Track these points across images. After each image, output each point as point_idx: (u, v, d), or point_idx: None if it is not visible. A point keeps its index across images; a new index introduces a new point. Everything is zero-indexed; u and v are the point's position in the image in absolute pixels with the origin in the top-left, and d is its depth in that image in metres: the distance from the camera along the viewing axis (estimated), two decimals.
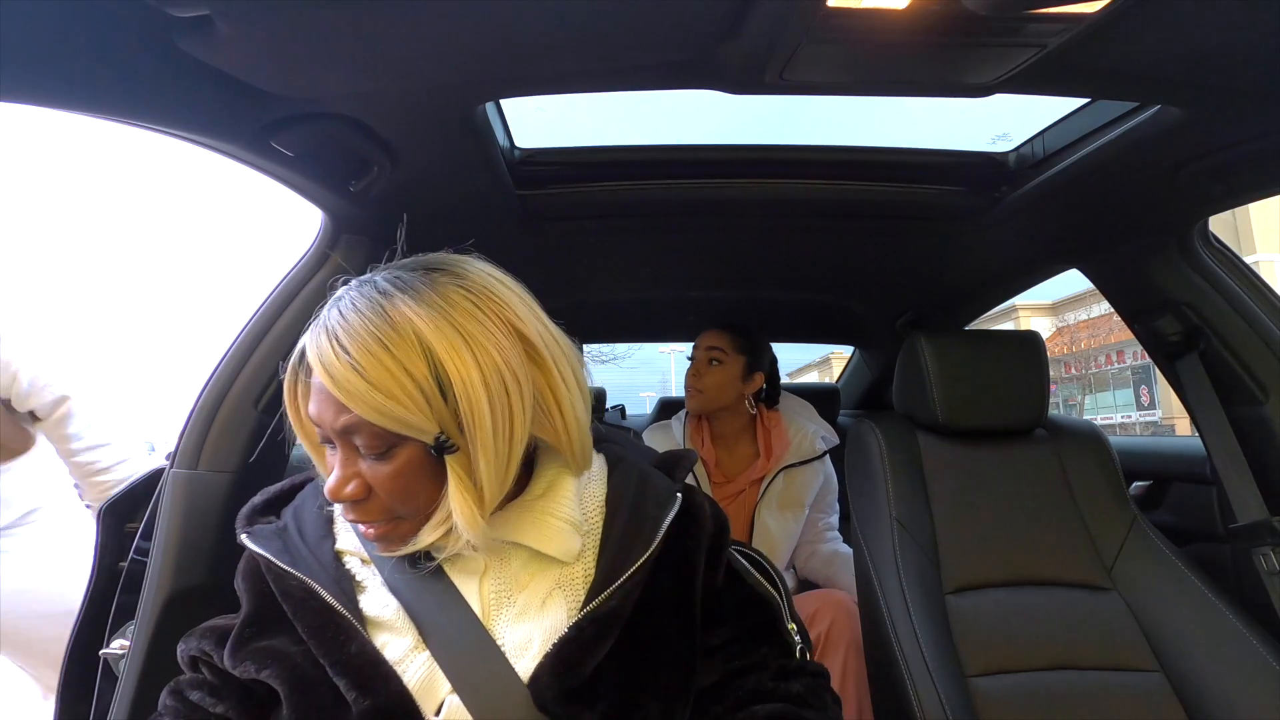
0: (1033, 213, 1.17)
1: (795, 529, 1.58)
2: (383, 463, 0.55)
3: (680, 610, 0.64)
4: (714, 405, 1.61)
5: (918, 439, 1.26)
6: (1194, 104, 0.81)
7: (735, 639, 0.67)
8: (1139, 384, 17.96)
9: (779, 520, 1.56)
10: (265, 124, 0.78)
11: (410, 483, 0.56)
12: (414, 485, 0.56)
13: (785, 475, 1.57)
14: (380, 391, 0.51)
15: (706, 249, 1.47)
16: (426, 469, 0.56)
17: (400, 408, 0.52)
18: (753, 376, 1.61)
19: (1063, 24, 0.64)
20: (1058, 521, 1.19)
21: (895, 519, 1.16)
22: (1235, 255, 1.22)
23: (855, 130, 1.21)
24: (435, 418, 0.53)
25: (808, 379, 8.98)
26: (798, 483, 1.58)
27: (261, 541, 0.64)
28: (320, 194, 0.98)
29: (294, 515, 0.68)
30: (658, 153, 1.15)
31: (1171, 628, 1.07)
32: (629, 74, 0.76)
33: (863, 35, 0.66)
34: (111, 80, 0.66)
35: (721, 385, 1.58)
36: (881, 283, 1.69)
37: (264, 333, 1.10)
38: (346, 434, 0.54)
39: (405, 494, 0.56)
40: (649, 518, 0.63)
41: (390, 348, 0.52)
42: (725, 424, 1.64)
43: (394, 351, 0.52)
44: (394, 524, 0.58)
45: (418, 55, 0.70)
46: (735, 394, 1.60)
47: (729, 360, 1.59)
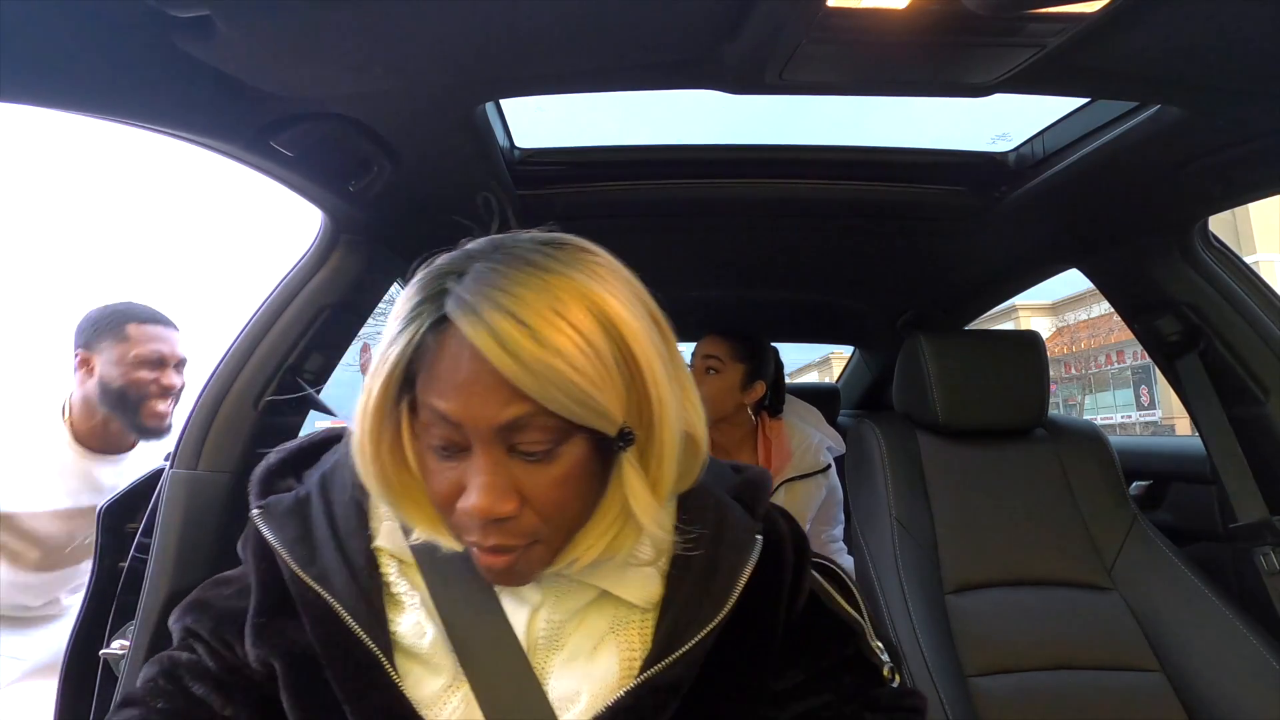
0: (1033, 213, 1.17)
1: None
2: (545, 465, 0.45)
3: (752, 668, 0.54)
4: (711, 417, 1.54)
5: (918, 439, 1.26)
6: (1194, 104, 0.81)
7: (814, 677, 0.57)
8: (1139, 384, 17.96)
9: None
10: (265, 124, 0.78)
11: (573, 490, 0.46)
12: (575, 493, 0.47)
13: (786, 489, 1.52)
14: (573, 368, 0.42)
15: (707, 249, 1.47)
16: (590, 472, 0.47)
17: (596, 391, 0.42)
18: (753, 385, 1.54)
19: (1062, 24, 0.64)
20: (1058, 521, 1.19)
21: (895, 519, 1.16)
22: (1235, 255, 1.22)
23: (855, 130, 1.21)
24: (623, 403, 0.44)
25: (808, 379, 8.98)
26: (799, 497, 1.52)
27: (277, 525, 0.53)
28: (320, 194, 0.98)
29: (321, 488, 0.55)
30: (658, 153, 1.15)
31: (1171, 628, 1.07)
32: (629, 74, 0.76)
33: (863, 35, 0.66)
34: (111, 80, 0.66)
35: (718, 395, 1.51)
36: (881, 283, 1.69)
37: (264, 333, 1.10)
38: (508, 432, 0.44)
39: (564, 504, 0.46)
40: (724, 568, 0.53)
41: (574, 316, 0.43)
42: (724, 435, 1.57)
43: (578, 323, 0.42)
44: (530, 549, 0.47)
45: (418, 55, 0.70)
46: (734, 404, 1.52)
47: (726, 369, 1.52)
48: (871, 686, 0.58)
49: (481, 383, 0.43)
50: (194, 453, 1.06)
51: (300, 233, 1.15)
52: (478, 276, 0.44)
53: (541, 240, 0.48)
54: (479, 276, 0.44)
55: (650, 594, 0.53)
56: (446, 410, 0.44)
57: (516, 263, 0.45)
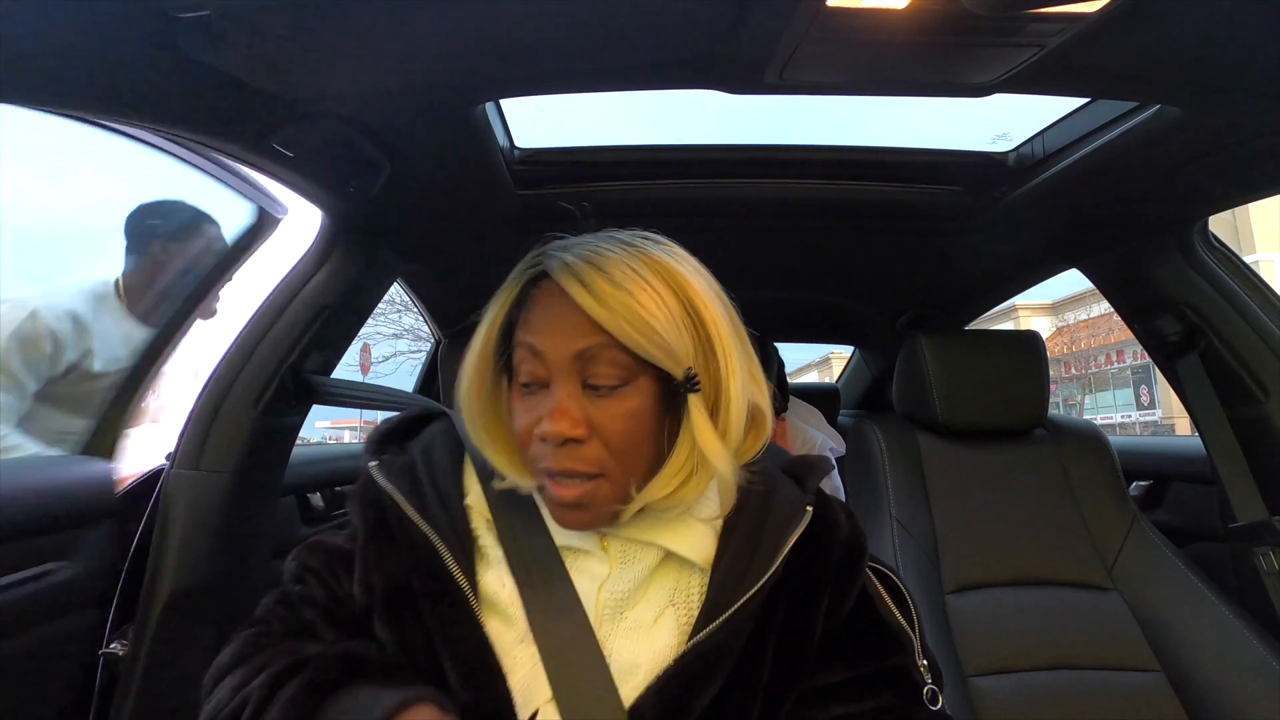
0: (1033, 213, 1.17)
1: None
2: (615, 399, 0.51)
3: (797, 652, 0.55)
4: None
5: (918, 439, 1.26)
6: (1194, 104, 0.81)
7: (856, 680, 0.57)
8: (1139, 384, 17.96)
9: None
10: (265, 124, 0.78)
11: (640, 425, 0.52)
12: (642, 429, 0.52)
13: None
14: (643, 308, 0.50)
15: (706, 249, 1.45)
16: (657, 413, 0.52)
17: (663, 329, 0.50)
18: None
19: (1062, 24, 0.64)
20: (1058, 521, 1.19)
21: (895, 518, 1.16)
22: (1235, 255, 1.22)
23: (855, 130, 1.21)
24: (689, 349, 0.51)
25: (808, 379, 8.97)
26: None
27: (391, 476, 0.59)
28: (320, 194, 0.98)
29: (424, 454, 0.62)
30: (658, 153, 1.15)
31: (1171, 628, 1.07)
32: (629, 74, 0.76)
33: (863, 35, 0.66)
34: (112, 81, 0.66)
35: None
36: (881, 283, 1.69)
37: (264, 333, 1.10)
38: (583, 363, 0.51)
39: (629, 438, 0.52)
40: (769, 536, 0.56)
41: (648, 275, 0.52)
42: None
43: (651, 280, 0.51)
44: (596, 483, 0.52)
45: (418, 55, 0.70)
46: None
47: None
48: (912, 705, 0.58)
49: (564, 318, 0.51)
50: (194, 453, 1.06)
51: (299, 232, 1.15)
52: (573, 246, 0.54)
53: (630, 231, 0.58)
54: (574, 246, 0.54)
55: (707, 551, 0.56)
56: (533, 342, 0.52)
57: (607, 240, 0.55)
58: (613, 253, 0.52)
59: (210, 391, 1.09)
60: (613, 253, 0.52)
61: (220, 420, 1.08)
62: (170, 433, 1.11)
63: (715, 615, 0.53)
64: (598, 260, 0.52)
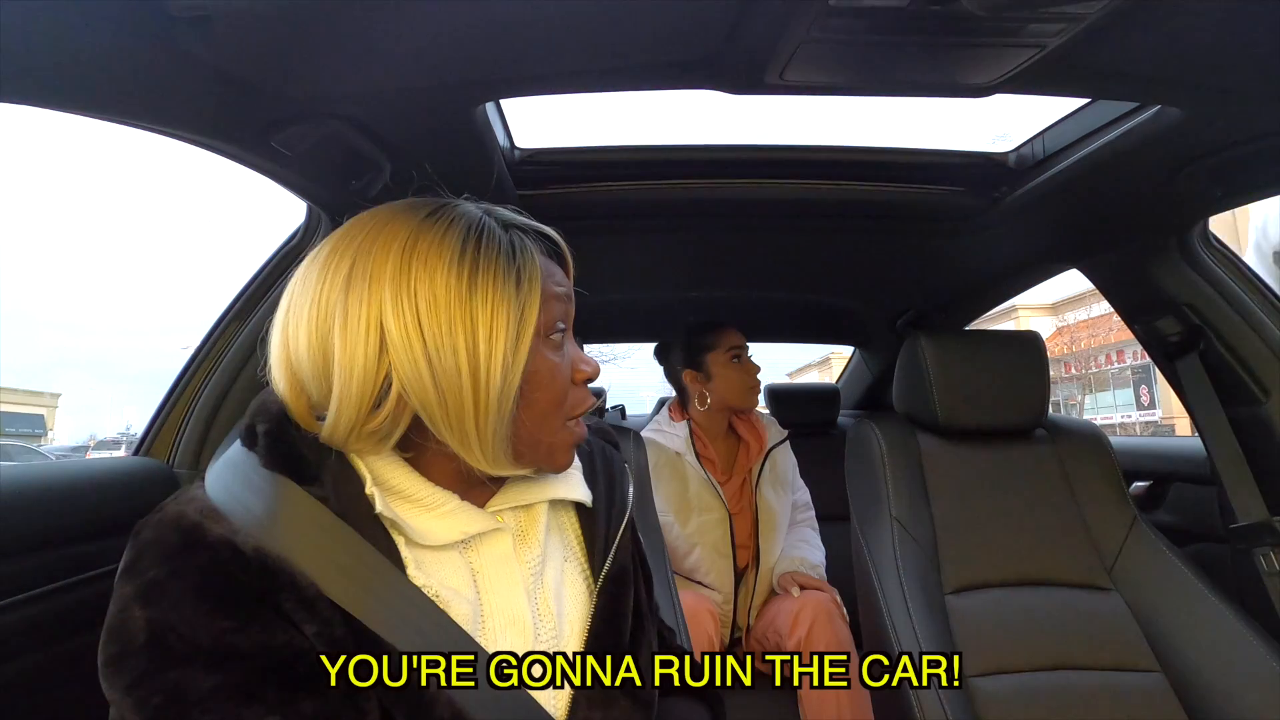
0: (1033, 213, 1.17)
1: (788, 503, 1.65)
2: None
3: (643, 564, 0.68)
4: (754, 405, 1.68)
5: (918, 439, 1.26)
6: (1194, 104, 0.81)
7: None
8: (1139, 384, 17.96)
9: (777, 496, 1.62)
10: (265, 124, 0.78)
11: None
12: None
13: (770, 459, 1.65)
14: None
15: (707, 249, 1.47)
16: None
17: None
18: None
19: (1062, 24, 0.64)
20: (1058, 521, 1.19)
21: (895, 519, 1.16)
22: (1235, 255, 1.22)
23: (855, 130, 1.21)
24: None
25: (808, 379, 8.97)
26: (779, 463, 1.66)
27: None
28: (320, 194, 0.98)
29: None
30: (658, 153, 1.14)
31: (1171, 628, 1.07)
32: (629, 74, 0.76)
33: (863, 35, 0.66)
34: (111, 80, 0.66)
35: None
36: (881, 283, 1.69)
37: (264, 333, 1.10)
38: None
39: None
40: (614, 467, 0.66)
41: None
42: (718, 422, 1.67)
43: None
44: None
45: (418, 55, 0.70)
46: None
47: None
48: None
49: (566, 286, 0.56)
50: (194, 453, 1.06)
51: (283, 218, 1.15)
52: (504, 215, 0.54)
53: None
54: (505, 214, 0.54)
55: (585, 490, 0.61)
56: (566, 289, 0.55)
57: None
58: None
59: (210, 391, 1.09)
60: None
61: (220, 420, 1.08)
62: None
63: (609, 546, 0.60)
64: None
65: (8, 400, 21.22)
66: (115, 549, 0.95)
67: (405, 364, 0.46)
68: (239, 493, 0.47)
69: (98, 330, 73.34)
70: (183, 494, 0.49)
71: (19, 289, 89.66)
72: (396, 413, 0.48)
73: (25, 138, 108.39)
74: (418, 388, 0.47)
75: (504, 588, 0.54)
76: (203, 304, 38.90)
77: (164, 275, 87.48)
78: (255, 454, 0.49)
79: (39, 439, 19.20)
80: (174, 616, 0.42)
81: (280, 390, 0.51)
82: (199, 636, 0.42)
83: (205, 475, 0.51)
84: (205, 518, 0.45)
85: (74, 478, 0.93)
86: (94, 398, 43.83)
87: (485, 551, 0.54)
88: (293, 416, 0.50)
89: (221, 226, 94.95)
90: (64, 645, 0.85)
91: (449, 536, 0.52)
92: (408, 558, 0.50)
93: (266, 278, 1.13)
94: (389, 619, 0.46)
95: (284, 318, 0.51)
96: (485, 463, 0.50)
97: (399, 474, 0.51)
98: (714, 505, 1.55)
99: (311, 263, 0.51)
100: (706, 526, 1.54)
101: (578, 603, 0.58)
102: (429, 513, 0.51)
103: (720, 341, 1.62)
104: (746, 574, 1.57)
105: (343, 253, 0.49)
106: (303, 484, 0.48)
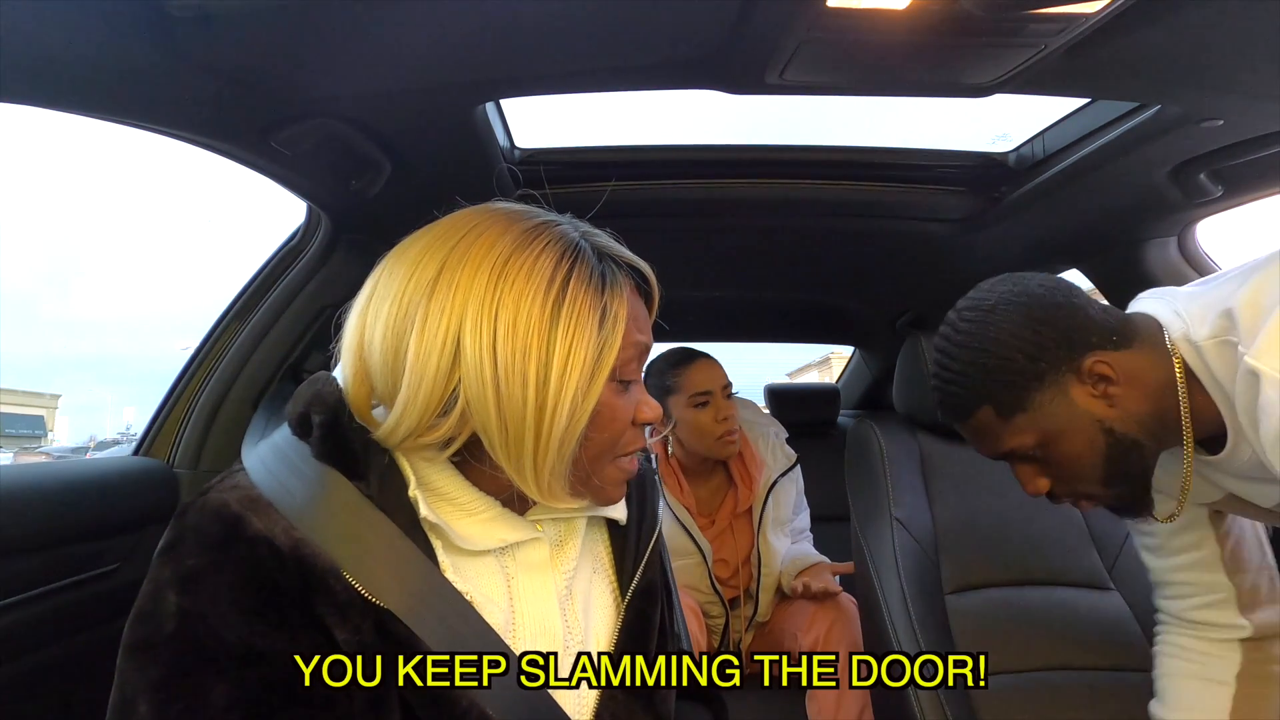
0: (1033, 213, 1.17)
1: (787, 541, 1.53)
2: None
3: (667, 576, 0.67)
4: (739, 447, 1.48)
5: (918, 439, 1.26)
6: (1194, 104, 0.81)
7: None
8: None
9: (780, 539, 1.50)
10: (265, 124, 0.78)
11: None
12: None
13: (773, 494, 1.50)
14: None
15: (707, 249, 1.47)
16: None
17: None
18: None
19: (1063, 24, 0.64)
20: (1058, 521, 1.19)
21: (895, 519, 1.16)
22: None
23: (855, 130, 1.22)
24: None
25: (808, 379, 8.98)
26: (782, 501, 1.51)
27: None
28: (320, 194, 0.99)
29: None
30: (658, 153, 1.15)
31: None
32: (629, 74, 0.76)
33: (863, 35, 0.66)
34: (111, 80, 0.66)
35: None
36: (881, 283, 1.69)
37: (264, 333, 1.10)
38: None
39: None
40: (646, 485, 0.64)
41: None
42: (704, 461, 1.50)
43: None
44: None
45: (418, 55, 0.70)
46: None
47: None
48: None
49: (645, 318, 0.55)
50: (194, 453, 1.06)
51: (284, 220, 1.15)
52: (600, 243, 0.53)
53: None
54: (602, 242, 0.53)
55: (624, 513, 0.60)
56: (646, 340, 0.53)
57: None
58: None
59: (210, 391, 1.09)
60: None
61: (220, 420, 1.08)
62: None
63: (639, 561, 0.59)
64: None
65: (8, 401, 21.24)
66: (115, 549, 0.96)
67: (474, 383, 0.45)
68: (287, 480, 0.48)
69: (98, 330, 73.38)
70: (227, 479, 0.49)
71: (19, 289, 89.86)
72: (458, 427, 0.47)
73: (25, 138, 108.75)
74: (481, 409, 0.46)
75: (537, 596, 0.53)
76: (202, 304, 39.04)
77: (163, 275, 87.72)
78: (308, 444, 0.49)
79: (39, 440, 19.21)
80: (206, 609, 0.43)
81: (345, 374, 0.50)
82: (227, 634, 0.42)
83: (243, 458, 0.51)
84: (247, 509, 0.46)
85: (74, 478, 0.93)
86: (94, 398, 43.89)
87: (521, 558, 0.54)
88: (349, 405, 0.50)
89: (221, 227, 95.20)
90: (64, 645, 0.85)
91: (488, 543, 0.51)
92: (445, 562, 0.50)
93: (266, 278, 1.13)
94: (426, 617, 0.46)
95: (364, 304, 0.50)
96: (538, 493, 0.49)
97: (444, 477, 0.51)
98: (689, 550, 1.42)
99: (401, 255, 0.50)
100: (682, 570, 1.41)
101: (605, 615, 0.58)
102: (470, 518, 0.51)
103: (684, 384, 1.43)
104: (738, 603, 1.48)
105: (433, 253, 0.48)
106: (352, 480, 0.48)
